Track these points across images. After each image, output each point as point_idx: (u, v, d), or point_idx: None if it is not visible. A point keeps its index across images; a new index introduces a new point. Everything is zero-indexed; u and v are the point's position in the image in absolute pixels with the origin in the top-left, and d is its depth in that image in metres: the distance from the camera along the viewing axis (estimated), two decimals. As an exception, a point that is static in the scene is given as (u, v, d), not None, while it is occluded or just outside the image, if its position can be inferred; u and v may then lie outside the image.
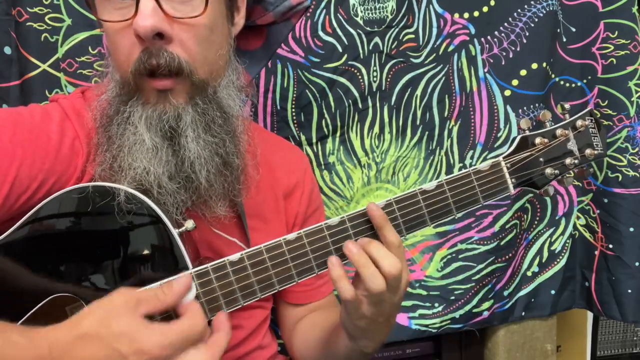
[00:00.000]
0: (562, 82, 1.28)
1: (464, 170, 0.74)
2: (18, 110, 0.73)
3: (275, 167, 0.90)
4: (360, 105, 1.18)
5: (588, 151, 0.78)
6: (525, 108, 1.24)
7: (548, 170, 0.76)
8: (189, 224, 0.69)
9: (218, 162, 0.72)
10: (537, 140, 0.77)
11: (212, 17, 0.70)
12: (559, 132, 0.77)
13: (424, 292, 1.25)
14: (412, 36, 1.19)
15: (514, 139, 0.78)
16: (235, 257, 0.67)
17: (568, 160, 0.77)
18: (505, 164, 0.75)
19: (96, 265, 0.67)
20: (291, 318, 0.94)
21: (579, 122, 0.78)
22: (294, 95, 1.15)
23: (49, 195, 0.67)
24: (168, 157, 0.69)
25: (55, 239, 0.67)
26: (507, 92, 1.24)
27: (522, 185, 0.77)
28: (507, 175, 0.75)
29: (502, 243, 1.26)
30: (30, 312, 0.64)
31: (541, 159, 0.76)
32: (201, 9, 0.68)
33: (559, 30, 1.25)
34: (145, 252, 0.68)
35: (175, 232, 0.67)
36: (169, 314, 0.62)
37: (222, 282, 0.66)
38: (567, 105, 0.80)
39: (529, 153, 0.76)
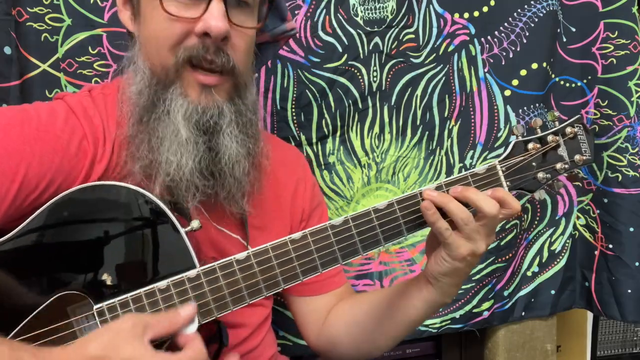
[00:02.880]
0: (562, 82, 1.29)
1: (461, 173, 0.76)
2: (24, 108, 0.73)
3: (274, 167, 0.90)
4: (360, 105, 1.18)
5: (577, 157, 0.81)
6: (525, 108, 1.24)
7: (540, 175, 0.79)
8: (195, 223, 0.70)
9: (250, 161, 0.76)
10: (530, 145, 0.79)
11: (256, 31, 0.77)
12: (549, 138, 0.80)
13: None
14: (412, 36, 1.19)
15: (509, 143, 0.80)
16: (241, 255, 0.68)
17: (559, 165, 0.80)
18: (501, 167, 0.78)
19: (103, 263, 0.68)
20: (317, 311, 0.93)
21: (568, 129, 0.81)
22: (294, 95, 1.15)
23: (56, 194, 0.68)
24: (201, 152, 0.72)
25: (60, 237, 0.67)
26: (507, 92, 1.24)
27: (516, 189, 0.79)
28: (503, 179, 0.77)
29: (502, 243, 1.26)
30: (37, 311, 0.65)
31: (534, 164, 0.79)
32: (256, 21, 0.76)
33: (559, 30, 1.25)
34: (153, 250, 0.69)
35: (182, 230, 0.68)
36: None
37: (228, 280, 0.68)
38: (556, 113, 0.83)
39: (522, 157, 0.79)
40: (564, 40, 1.27)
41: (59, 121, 0.72)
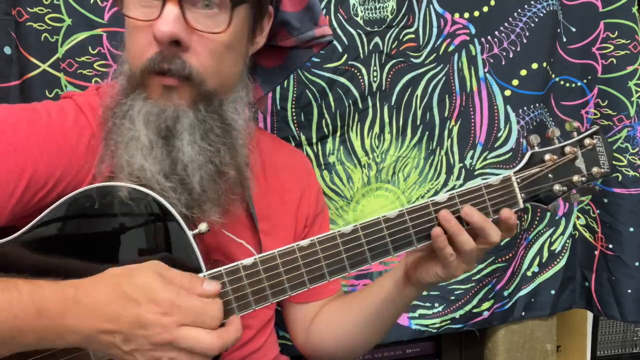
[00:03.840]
0: (562, 82, 1.28)
1: (475, 185, 0.75)
2: (33, 107, 0.73)
3: (280, 171, 0.91)
4: (360, 105, 1.18)
5: (595, 169, 0.79)
6: (525, 108, 1.24)
7: (556, 187, 0.77)
8: (203, 226, 0.69)
9: (212, 170, 0.72)
10: (547, 156, 0.77)
11: (232, 36, 0.71)
12: (567, 149, 0.78)
13: (424, 292, 1.25)
14: (413, 36, 1.19)
15: (525, 154, 0.79)
16: (248, 261, 0.67)
17: (576, 178, 0.78)
18: (516, 179, 0.76)
19: (110, 265, 0.67)
20: (306, 316, 0.94)
21: (587, 141, 0.79)
22: (294, 95, 1.15)
23: (65, 192, 0.67)
24: (162, 156, 0.69)
25: (69, 238, 0.67)
26: (507, 92, 1.24)
27: (531, 201, 0.78)
28: (517, 190, 0.76)
29: (502, 243, 1.26)
30: None
31: (550, 175, 0.77)
32: (224, 26, 0.68)
33: (559, 30, 1.25)
34: (160, 253, 0.68)
35: (190, 233, 0.67)
36: None
37: (235, 286, 0.67)
38: (575, 124, 0.80)
39: (539, 169, 0.77)
40: (564, 40, 1.27)
41: (68, 120, 0.72)
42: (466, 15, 1.21)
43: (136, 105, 0.70)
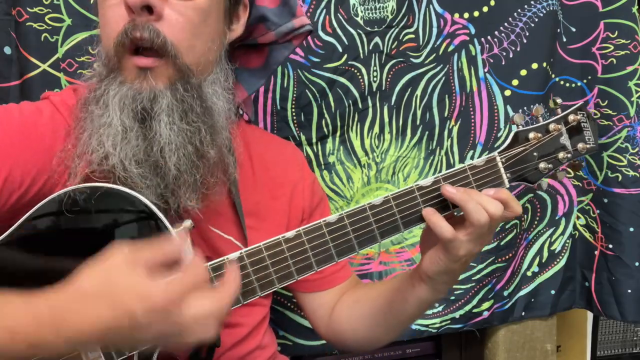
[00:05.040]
0: (562, 82, 1.28)
1: (459, 166, 0.74)
2: (7, 108, 0.73)
3: (269, 165, 0.90)
4: (360, 105, 1.18)
5: (580, 145, 0.79)
6: (525, 108, 1.24)
7: (542, 165, 0.77)
8: (187, 223, 0.68)
9: (191, 151, 0.71)
10: (531, 135, 0.77)
11: (207, 7, 0.70)
12: (551, 126, 0.78)
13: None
14: (412, 36, 1.19)
15: (509, 134, 0.78)
16: (234, 255, 0.67)
17: (561, 155, 0.78)
18: (501, 158, 0.76)
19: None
20: (324, 305, 0.93)
21: (571, 117, 0.79)
22: (294, 95, 1.15)
23: (42, 192, 0.67)
24: (137, 140, 0.68)
25: (52, 239, 0.67)
26: (507, 92, 1.24)
27: (517, 180, 0.78)
28: (502, 170, 0.76)
29: (502, 243, 1.26)
30: None
31: (535, 154, 0.77)
32: None
33: (559, 30, 1.25)
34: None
35: (173, 231, 0.67)
36: None
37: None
38: (559, 100, 0.80)
39: (523, 148, 0.77)
40: (564, 40, 1.27)
41: (43, 119, 0.71)
42: (466, 15, 1.21)
43: (111, 89, 0.68)
